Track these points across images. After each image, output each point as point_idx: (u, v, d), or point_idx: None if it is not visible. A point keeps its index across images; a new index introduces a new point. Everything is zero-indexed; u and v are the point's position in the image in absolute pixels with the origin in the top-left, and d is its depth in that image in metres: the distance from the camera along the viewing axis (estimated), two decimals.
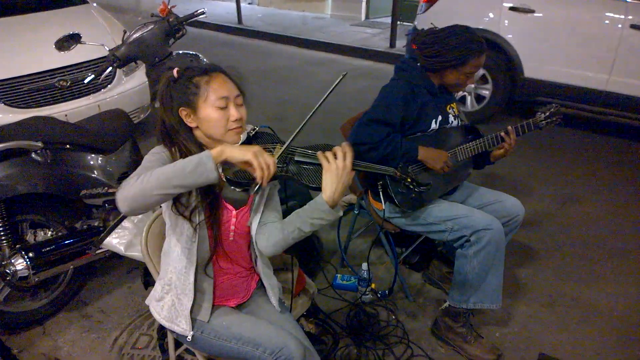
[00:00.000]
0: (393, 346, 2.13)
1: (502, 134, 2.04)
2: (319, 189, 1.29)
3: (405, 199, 1.99)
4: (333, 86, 1.28)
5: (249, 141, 1.40)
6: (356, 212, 2.49)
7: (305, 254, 2.54)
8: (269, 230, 1.44)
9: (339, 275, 2.55)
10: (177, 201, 1.33)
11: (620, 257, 2.74)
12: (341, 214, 1.33)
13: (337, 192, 1.26)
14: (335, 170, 1.25)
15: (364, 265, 2.37)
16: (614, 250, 2.80)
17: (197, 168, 1.12)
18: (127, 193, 1.13)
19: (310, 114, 1.30)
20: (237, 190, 1.37)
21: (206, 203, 1.35)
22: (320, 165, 1.29)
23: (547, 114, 2.12)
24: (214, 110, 1.30)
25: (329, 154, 1.28)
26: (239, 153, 1.16)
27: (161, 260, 1.51)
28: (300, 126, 1.31)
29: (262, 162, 1.15)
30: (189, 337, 1.43)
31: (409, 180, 1.37)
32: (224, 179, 1.35)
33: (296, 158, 1.36)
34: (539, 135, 4.45)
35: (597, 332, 2.22)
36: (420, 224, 2.09)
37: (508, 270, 2.56)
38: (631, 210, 3.22)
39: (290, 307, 1.76)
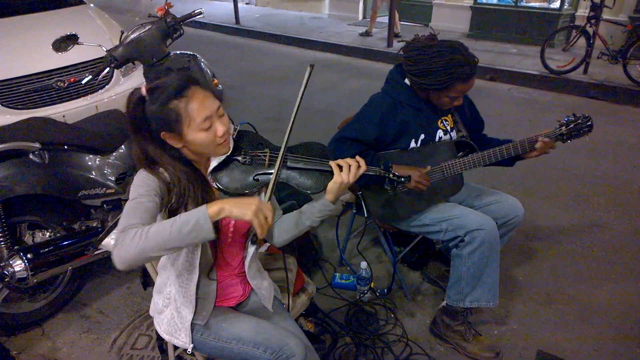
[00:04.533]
0: (392, 345, 2.14)
1: (505, 150, 1.97)
2: (312, 193, 1.39)
3: (377, 213, 2.03)
4: (305, 82, 1.33)
5: (235, 144, 1.39)
6: (354, 211, 2.49)
7: (304, 254, 2.54)
8: (279, 228, 1.51)
9: (337, 274, 2.56)
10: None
11: (617, 255, 2.75)
12: (341, 207, 1.42)
13: (340, 195, 1.39)
14: (345, 183, 1.34)
15: (363, 264, 2.37)
16: (611, 248, 2.81)
17: (194, 231, 1.08)
18: (124, 254, 1.07)
19: (293, 115, 1.35)
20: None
21: None
22: (318, 170, 1.38)
23: (572, 126, 1.96)
24: (200, 132, 1.25)
25: (342, 163, 1.34)
26: (238, 212, 1.12)
27: (158, 273, 1.51)
28: (288, 132, 1.34)
29: (262, 219, 1.14)
30: (189, 349, 1.44)
31: (391, 175, 1.45)
32: (217, 188, 1.37)
33: (291, 164, 1.39)
34: None
35: (594, 330, 2.23)
36: (416, 225, 2.10)
37: (505, 269, 2.58)
38: (629, 208, 3.24)
39: (288, 306, 1.76)
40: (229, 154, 1.36)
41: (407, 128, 1.97)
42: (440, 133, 2.05)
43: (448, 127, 2.08)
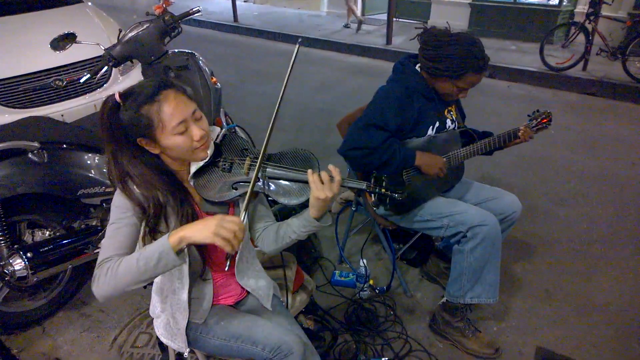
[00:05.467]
0: (391, 341, 2.14)
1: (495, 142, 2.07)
2: (298, 205, 1.32)
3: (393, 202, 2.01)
4: (292, 59, 1.27)
5: (217, 149, 1.36)
6: (354, 209, 2.50)
7: (303, 251, 2.55)
8: (267, 236, 1.48)
9: (337, 271, 2.56)
10: (157, 232, 1.28)
11: (616, 252, 2.76)
12: (330, 221, 1.35)
13: (324, 210, 1.31)
14: (324, 198, 1.25)
15: (362, 262, 2.37)
16: (610, 245, 2.82)
17: (160, 263, 1.11)
18: (101, 291, 1.14)
19: (278, 103, 1.29)
20: (216, 205, 1.36)
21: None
22: (299, 181, 1.30)
23: (539, 119, 2.12)
24: (175, 137, 1.22)
25: (317, 178, 1.25)
26: (198, 237, 1.11)
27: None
28: (269, 130, 1.29)
29: (226, 235, 1.10)
30: (186, 353, 1.45)
31: (383, 190, 1.31)
32: (201, 195, 1.34)
33: (274, 170, 1.31)
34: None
35: (593, 326, 2.24)
36: (417, 220, 2.10)
37: (505, 265, 2.58)
38: (628, 205, 3.24)
39: (287, 303, 1.77)
40: (208, 159, 1.32)
41: (424, 116, 2.00)
42: (449, 122, 2.10)
43: (453, 117, 2.13)
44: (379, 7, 9.85)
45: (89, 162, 2.26)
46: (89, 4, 4.01)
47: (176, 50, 2.60)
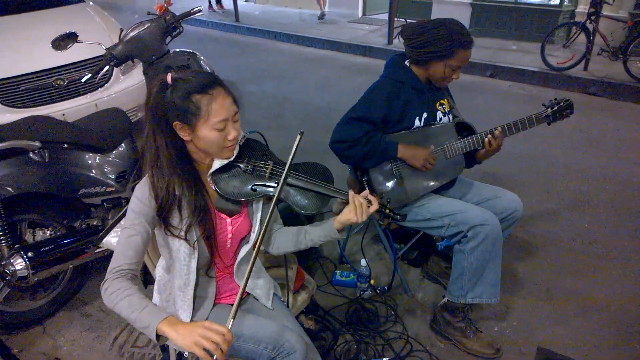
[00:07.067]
0: (392, 342, 2.14)
1: (489, 136, 2.02)
2: (311, 215, 1.44)
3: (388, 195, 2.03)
4: (294, 148, 1.37)
5: (239, 151, 1.41)
6: None
7: (304, 251, 2.54)
8: (279, 239, 1.54)
9: (338, 271, 2.56)
10: (169, 224, 1.32)
11: (617, 252, 2.76)
12: (345, 234, 1.42)
13: (348, 225, 1.45)
14: (356, 221, 1.38)
15: (363, 262, 2.37)
16: (611, 245, 2.81)
17: (143, 330, 1.17)
18: (105, 301, 1.22)
19: (285, 171, 1.37)
20: (229, 202, 1.41)
21: (199, 219, 1.34)
22: (313, 191, 1.41)
23: (556, 108, 2.08)
24: (213, 131, 1.27)
25: (357, 200, 1.38)
26: (180, 341, 1.10)
27: (157, 274, 1.52)
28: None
29: (208, 346, 1.07)
30: (186, 353, 1.45)
31: (387, 211, 1.48)
32: (216, 190, 1.38)
33: (295, 181, 1.41)
34: (539, 131, 4.46)
35: (594, 325, 2.23)
36: (418, 220, 2.10)
37: (506, 265, 2.57)
38: (629, 205, 3.23)
39: (287, 303, 1.76)
40: (232, 159, 1.37)
41: (411, 107, 2.01)
42: (439, 114, 2.10)
43: (446, 109, 2.13)
44: (380, 6, 9.84)
45: (90, 161, 2.26)
46: (90, 3, 4.01)
47: (177, 50, 2.60)
